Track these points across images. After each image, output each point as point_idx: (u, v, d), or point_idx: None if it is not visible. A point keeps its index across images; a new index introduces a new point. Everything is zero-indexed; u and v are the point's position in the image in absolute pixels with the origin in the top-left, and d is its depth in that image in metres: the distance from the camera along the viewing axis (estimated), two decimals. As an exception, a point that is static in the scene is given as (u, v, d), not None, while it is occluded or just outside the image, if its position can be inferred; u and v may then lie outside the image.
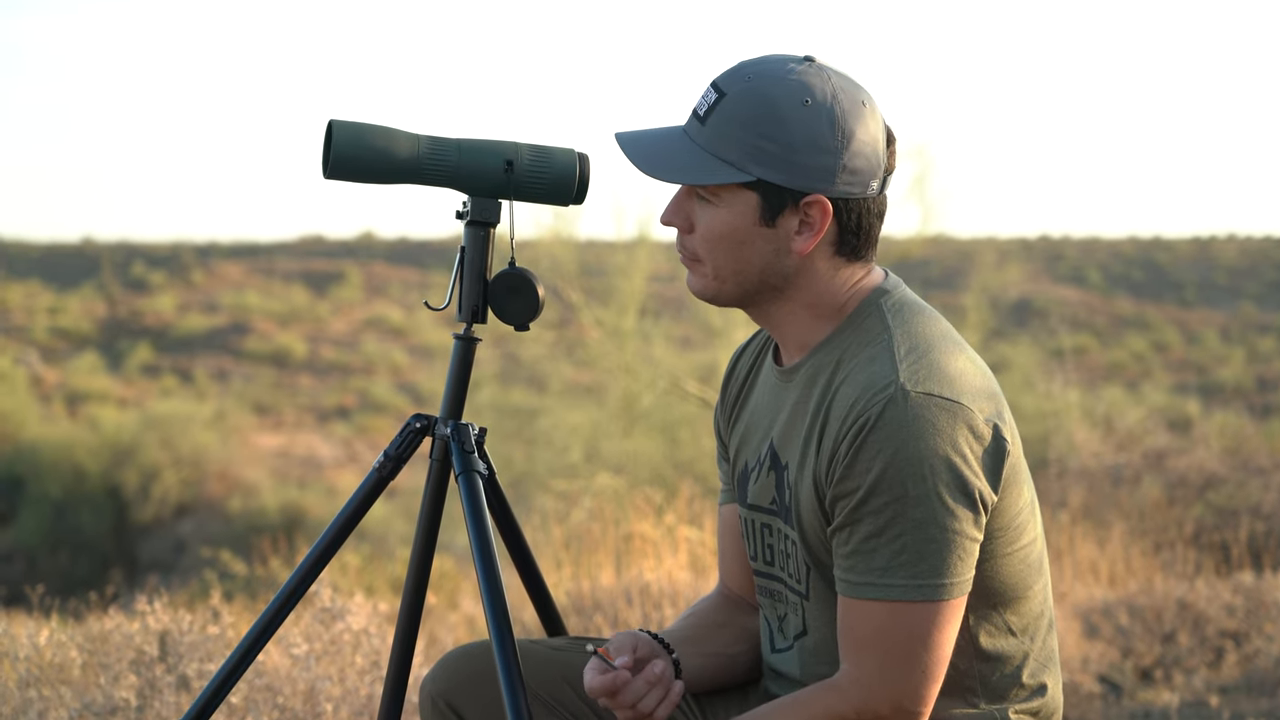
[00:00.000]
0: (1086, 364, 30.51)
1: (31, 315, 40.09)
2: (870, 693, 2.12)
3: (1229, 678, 5.72)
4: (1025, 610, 2.23)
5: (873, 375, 2.12)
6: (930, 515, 2.07)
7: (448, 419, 2.56)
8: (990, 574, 2.17)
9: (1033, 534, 2.22)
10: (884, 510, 2.08)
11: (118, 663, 3.89)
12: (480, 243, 2.55)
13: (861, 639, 2.12)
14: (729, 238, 2.18)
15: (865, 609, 2.12)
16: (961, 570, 2.10)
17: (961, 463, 2.08)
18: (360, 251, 49.39)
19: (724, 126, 2.15)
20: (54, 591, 6.42)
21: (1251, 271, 45.66)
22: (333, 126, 2.48)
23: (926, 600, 2.09)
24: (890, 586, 2.09)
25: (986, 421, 2.11)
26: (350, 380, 36.82)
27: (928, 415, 2.07)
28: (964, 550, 2.10)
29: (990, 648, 2.21)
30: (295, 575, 2.58)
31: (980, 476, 2.09)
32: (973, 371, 2.16)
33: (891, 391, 2.09)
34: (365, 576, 9.33)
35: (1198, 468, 9.01)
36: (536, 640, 2.51)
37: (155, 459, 24.65)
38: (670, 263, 16.75)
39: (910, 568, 2.08)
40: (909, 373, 2.11)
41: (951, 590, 2.10)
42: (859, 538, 2.10)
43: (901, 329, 2.17)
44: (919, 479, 2.06)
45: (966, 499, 2.08)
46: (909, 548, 2.08)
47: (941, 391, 2.09)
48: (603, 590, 5.79)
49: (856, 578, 2.12)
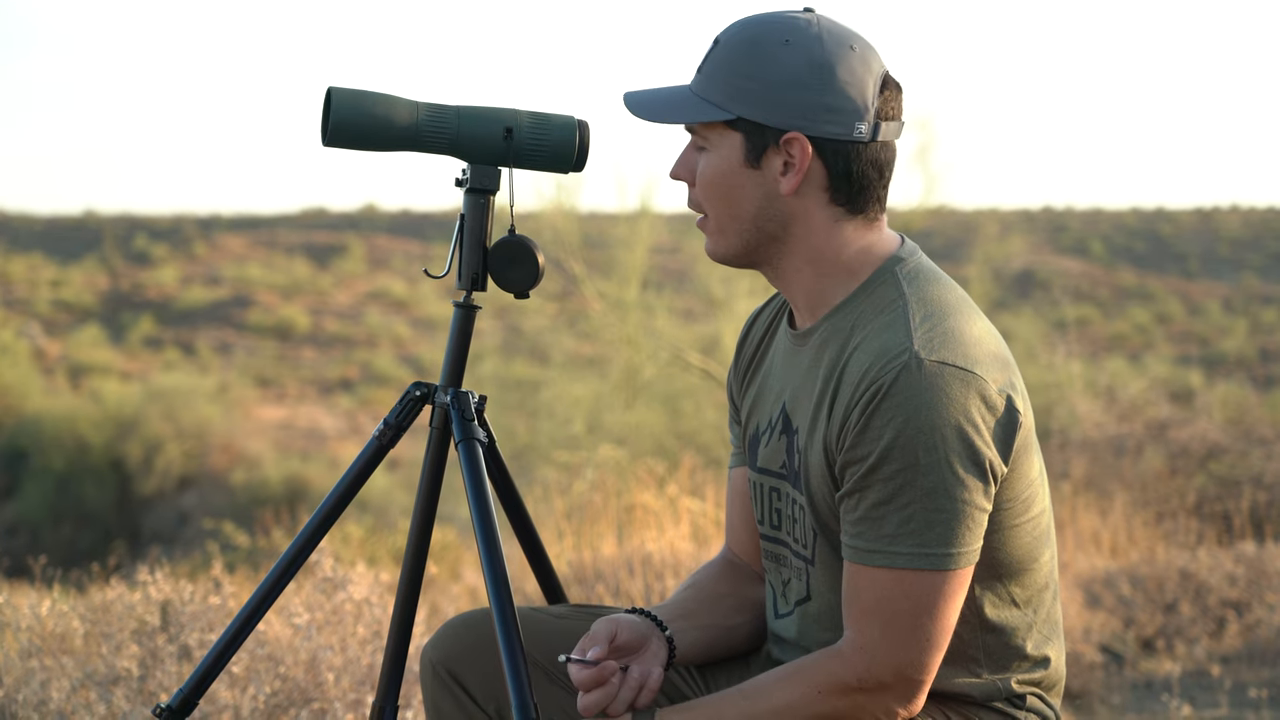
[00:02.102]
0: (1089, 335, 30.49)
1: (34, 288, 40.09)
2: (873, 660, 2.12)
3: (1230, 647, 5.73)
4: (1030, 582, 2.22)
5: (887, 342, 2.11)
6: (940, 484, 2.06)
7: (448, 387, 2.55)
8: (998, 545, 2.16)
9: (1041, 505, 2.21)
10: (894, 478, 2.07)
11: (119, 633, 3.90)
12: (480, 210, 2.54)
13: (866, 606, 2.12)
14: (720, 182, 2.20)
15: (871, 576, 2.11)
16: (969, 540, 2.09)
17: (974, 432, 2.07)
18: (362, 224, 49.36)
19: (713, 70, 2.19)
20: (57, 563, 6.43)
21: (1254, 243, 45.60)
22: (331, 93, 2.47)
23: (933, 569, 2.08)
24: (897, 554, 2.08)
25: (1000, 392, 2.10)
26: (353, 352, 36.83)
27: (941, 384, 2.06)
28: (973, 520, 2.09)
29: (994, 618, 2.20)
30: (295, 543, 2.58)
31: (992, 447, 2.08)
32: (987, 340, 2.14)
33: (905, 359, 2.08)
34: (367, 548, 9.34)
35: (1200, 438, 9.00)
36: (538, 608, 2.50)
37: (158, 431, 24.67)
38: (673, 235, 16.72)
39: (918, 536, 2.07)
40: (923, 340, 2.09)
41: (958, 560, 2.09)
42: (868, 504, 2.10)
43: (917, 296, 2.15)
44: (930, 447, 2.05)
45: (977, 469, 2.07)
46: (917, 516, 2.07)
47: (955, 360, 2.08)
48: (604, 561, 5.80)
49: (864, 544, 2.11)
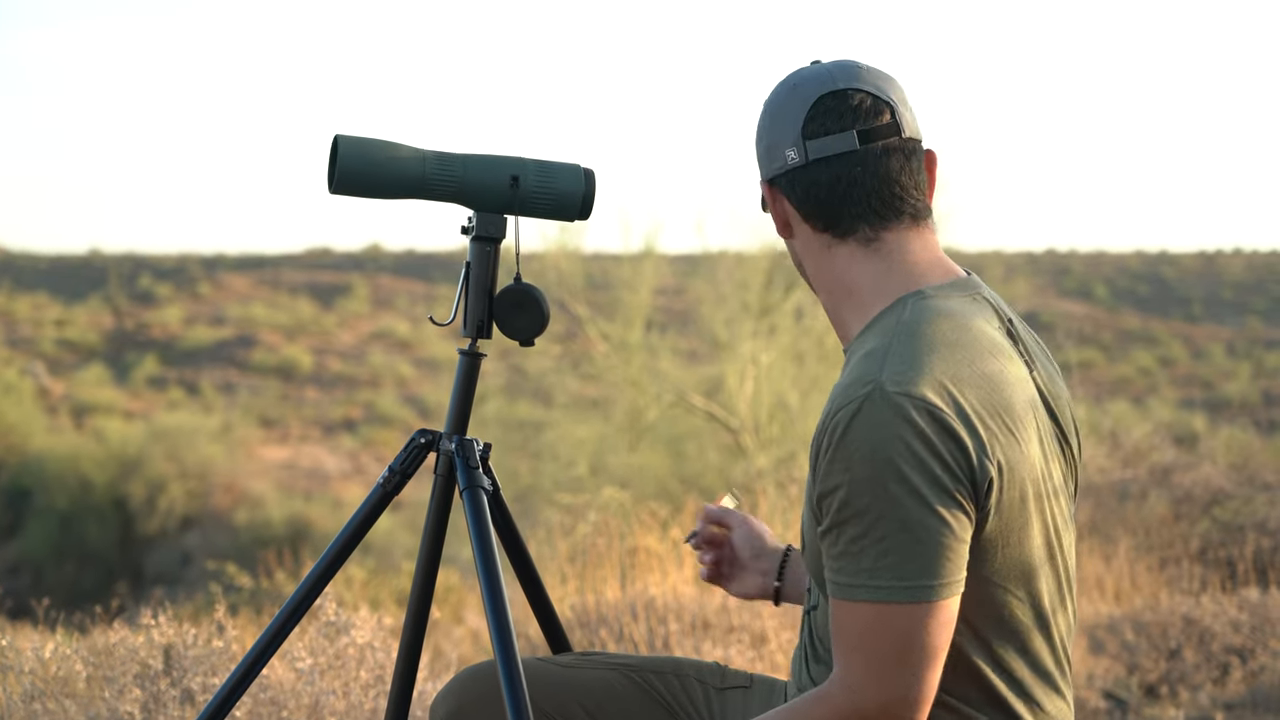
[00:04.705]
0: (1093, 378, 30.48)
1: (38, 327, 40.15)
2: (858, 696, 2.10)
3: (1234, 694, 5.71)
4: (1035, 636, 2.18)
5: (859, 372, 2.10)
6: (910, 515, 2.04)
7: (452, 434, 2.56)
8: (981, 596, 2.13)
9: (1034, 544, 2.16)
10: (867, 511, 2.05)
11: (122, 676, 3.89)
12: (485, 258, 2.55)
13: (851, 642, 2.10)
14: None
15: (854, 610, 2.09)
16: (950, 571, 2.07)
17: (936, 462, 2.04)
18: (367, 264, 49.45)
19: None
20: (59, 604, 6.41)
21: (1258, 286, 45.64)
22: (338, 142, 2.48)
23: (914, 601, 2.06)
24: (878, 588, 2.06)
25: (968, 425, 2.06)
26: (356, 392, 36.86)
27: (902, 414, 2.04)
28: (951, 551, 2.06)
29: (1001, 663, 2.19)
30: (300, 589, 2.58)
31: (957, 475, 2.05)
32: (970, 377, 2.10)
33: (869, 390, 2.06)
34: (370, 590, 9.33)
35: (1204, 483, 8.98)
36: (544, 658, 2.50)
37: (161, 471, 24.68)
38: (676, 276, 16.74)
39: (897, 569, 2.05)
40: (892, 371, 2.07)
41: (939, 591, 2.07)
42: (846, 539, 2.08)
43: (909, 331, 2.13)
44: (899, 479, 2.03)
45: (947, 496, 2.05)
46: (894, 549, 2.05)
47: (918, 390, 2.05)
48: (607, 605, 5.78)
49: (845, 579, 2.09)
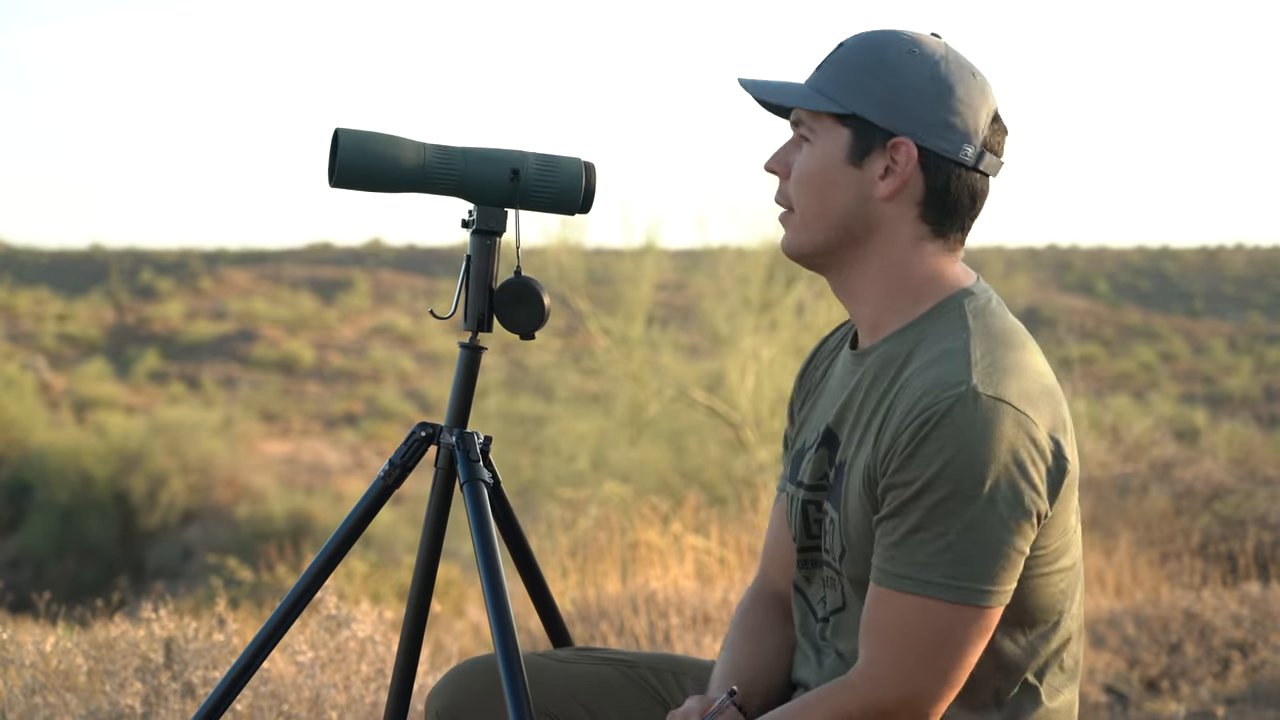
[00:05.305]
0: (1094, 374, 30.47)
1: (40, 322, 40.15)
2: (881, 687, 2.09)
3: (1235, 688, 5.71)
4: (1051, 632, 2.18)
5: (945, 371, 2.09)
6: (982, 520, 2.04)
7: (453, 427, 2.56)
8: (1024, 594, 2.13)
9: (1072, 559, 2.18)
10: (937, 507, 2.05)
11: (123, 669, 3.89)
12: (486, 252, 2.54)
13: (885, 631, 2.09)
14: (817, 175, 2.21)
15: (897, 601, 2.08)
16: (1004, 580, 2.07)
17: (1022, 474, 2.05)
18: (368, 259, 49.43)
19: (832, 68, 2.22)
20: (60, 598, 6.42)
21: (1259, 281, 45.63)
22: (338, 135, 2.48)
23: (963, 603, 2.06)
24: (928, 583, 2.06)
25: (1051, 437, 2.08)
26: (358, 387, 36.86)
27: (996, 420, 2.05)
28: (1009, 561, 2.06)
29: (1011, 663, 2.17)
30: (301, 582, 2.58)
31: (1038, 490, 2.06)
32: (1045, 385, 2.13)
33: (962, 390, 2.06)
34: (371, 584, 9.35)
35: (1205, 478, 8.98)
36: (543, 653, 2.49)
37: (162, 465, 24.68)
38: (678, 271, 16.73)
39: (952, 567, 2.05)
40: (982, 375, 2.08)
41: (990, 598, 2.06)
42: (905, 529, 2.07)
43: (981, 330, 2.15)
44: (978, 482, 2.03)
45: (1021, 510, 2.05)
46: (955, 547, 2.05)
47: (1013, 400, 2.07)
48: (608, 599, 5.78)
49: (895, 568, 2.08)
